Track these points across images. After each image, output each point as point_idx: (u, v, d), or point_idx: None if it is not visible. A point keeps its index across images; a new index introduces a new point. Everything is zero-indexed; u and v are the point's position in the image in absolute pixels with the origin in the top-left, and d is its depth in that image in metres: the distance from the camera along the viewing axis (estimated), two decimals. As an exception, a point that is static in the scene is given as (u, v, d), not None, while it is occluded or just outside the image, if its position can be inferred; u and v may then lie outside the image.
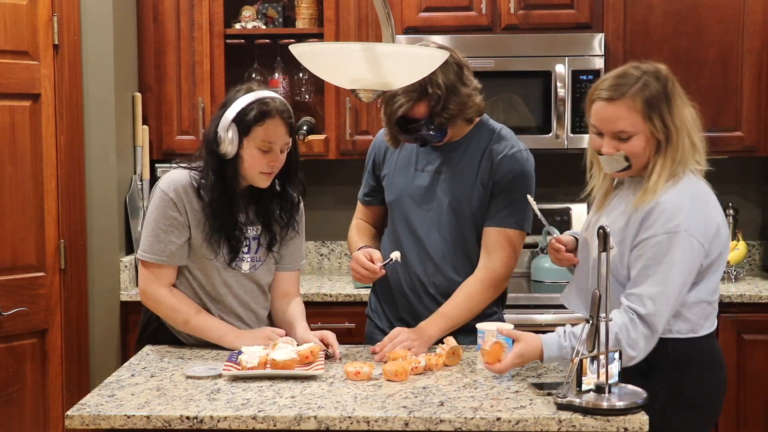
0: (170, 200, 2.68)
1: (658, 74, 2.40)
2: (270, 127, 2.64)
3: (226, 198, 2.68)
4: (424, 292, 2.86)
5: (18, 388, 3.52)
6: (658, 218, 2.33)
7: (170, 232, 2.68)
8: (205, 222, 2.69)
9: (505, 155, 2.79)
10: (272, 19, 4.16)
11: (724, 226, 2.40)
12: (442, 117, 2.71)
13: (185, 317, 2.71)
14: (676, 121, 2.37)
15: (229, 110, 2.64)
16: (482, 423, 2.14)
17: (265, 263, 2.81)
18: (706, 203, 2.39)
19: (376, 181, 3.00)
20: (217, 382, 2.43)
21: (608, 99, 2.38)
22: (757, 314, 3.71)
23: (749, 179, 4.30)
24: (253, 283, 2.80)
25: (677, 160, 2.37)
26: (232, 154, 2.65)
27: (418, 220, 2.85)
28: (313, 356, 2.52)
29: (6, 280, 3.48)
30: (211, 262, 2.72)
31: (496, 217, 2.79)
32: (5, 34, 3.44)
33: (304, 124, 4.08)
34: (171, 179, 2.72)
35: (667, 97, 2.37)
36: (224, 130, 2.63)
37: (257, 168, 2.67)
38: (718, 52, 3.91)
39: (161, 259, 2.69)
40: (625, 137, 2.38)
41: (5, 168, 3.46)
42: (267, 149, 2.65)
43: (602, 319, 2.20)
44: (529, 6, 3.93)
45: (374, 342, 2.78)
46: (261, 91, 2.68)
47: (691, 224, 2.32)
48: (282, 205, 2.79)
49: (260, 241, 2.78)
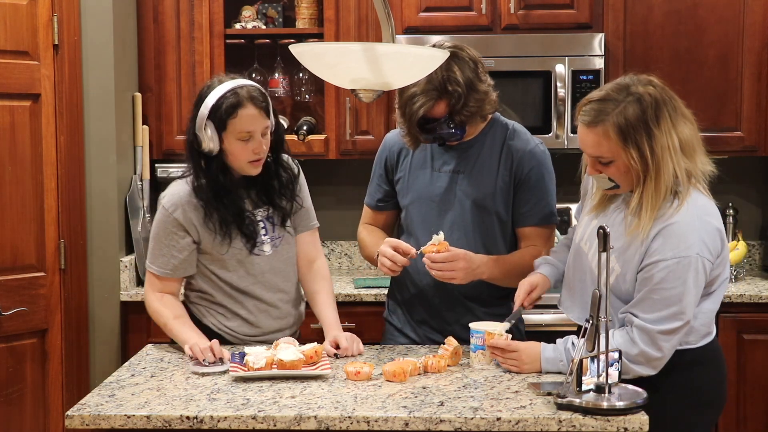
0: (172, 218, 2.71)
1: (641, 98, 2.30)
2: (244, 116, 2.64)
3: (223, 192, 2.70)
4: (448, 294, 2.85)
5: (18, 388, 3.52)
6: (667, 241, 2.28)
7: (172, 247, 2.73)
8: (213, 221, 2.70)
9: (524, 151, 2.81)
10: (272, 19, 4.16)
11: (724, 234, 2.37)
12: (462, 114, 2.71)
13: (165, 321, 2.76)
14: (656, 150, 2.28)
15: (202, 108, 2.65)
16: (482, 423, 2.14)
17: (284, 237, 2.83)
18: (710, 218, 2.34)
19: (390, 186, 2.98)
20: (216, 382, 2.43)
21: (587, 124, 2.35)
22: (757, 314, 3.70)
23: (749, 179, 4.30)
24: (280, 262, 2.82)
25: (662, 190, 2.29)
26: (216, 150, 2.66)
27: (438, 222, 2.84)
28: (317, 356, 2.51)
29: (6, 280, 3.48)
30: (230, 256, 2.74)
31: (529, 216, 2.81)
32: (5, 34, 3.44)
33: (304, 124, 4.08)
34: (172, 194, 2.74)
35: (646, 126, 2.28)
36: (201, 130, 2.65)
37: (243, 158, 2.68)
38: (718, 52, 3.91)
39: (165, 272, 2.75)
40: (605, 161, 2.35)
41: (5, 168, 3.46)
42: (247, 138, 2.66)
43: (602, 319, 2.20)
44: (529, 6, 3.92)
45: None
46: (230, 81, 2.68)
47: (702, 246, 2.28)
48: (280, 181, 2.81)
49: (273, 221, 2.81)
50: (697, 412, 2.44)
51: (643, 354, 2.29)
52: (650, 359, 2.30)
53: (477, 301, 2.86)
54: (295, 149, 4.02)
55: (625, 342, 2.30)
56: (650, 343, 2.28)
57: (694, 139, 2.35)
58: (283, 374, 2.44)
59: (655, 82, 2.36)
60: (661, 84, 2.37)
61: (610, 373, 2.19)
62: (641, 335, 2.29)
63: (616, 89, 2.35)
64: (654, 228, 2.31)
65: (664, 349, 2.29)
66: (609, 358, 2.20)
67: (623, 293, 2.38)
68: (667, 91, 2.36)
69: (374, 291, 3.79)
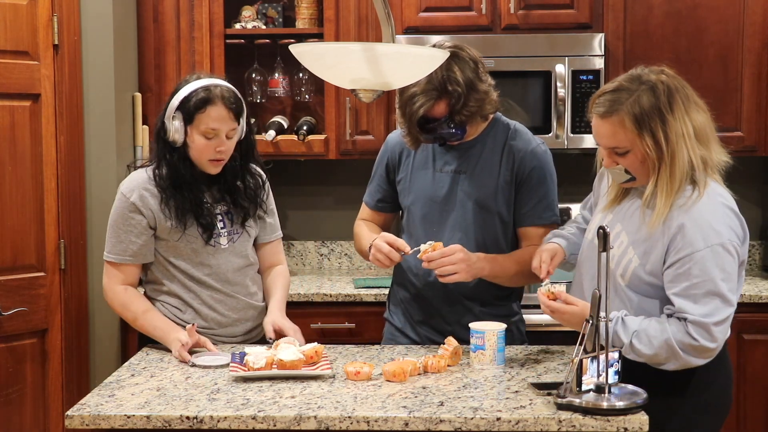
0: (129, 203, 2.76)
1: (654, 86, 2.33)
2: (212, 113, 2.70)
3: (182, 181, 2.74)
4: (448, 294, 2.85)
5: (18, 388, 3.52)
6: (696, 232, 2.28)
7: (130, 233, 2.76)
8: (169, 207, 2.74)
9: (526, 151, 2.81)
10: (272, 19, 4.16)
11: (745, 223, 2.39)
12: (462, 114, 2.71)
13: (134, 315, 2.79)
14: (671, 136, 2.30)
15: (174, 99, 2.72)
16: (482, 423, 2.14)
17: (242, 235, 2.86)
18: (732, 206, 2.36)
19: (390, 186, 2.98)
20: (216, 382, 2.43)
21: (601, 115, 2.36)
22: (757, 314, 3.71)
23: (749, 179, 4.30)
24: (236, 257, 2.84)
25: (677, 177, 2.31)
26: (180, 141, 2.72)
27: (440, 222, 2.85)
28: (317, 356, 2.52)
29: (6, 280, 3.47)
30: (185, 244, 2.76)
31: (531, 216, 2.81)
32: (5, 34, 3.44)
33: (304, 124, 4.08)
34: (129, 180, 2.81)
35: (660, 112, 2.30)
36: (169, 119, 2.71)
37: (205, 155, 2.73)
38: (718, 52, 3.91)
39: (124, 258, 2.78)
40: (621, 152, 2.36)
41: (5, 168, 3.46)
42: (212, 136, 2.71)
43: (602, 319, 2.21)
44: (529, 6, 3.92)
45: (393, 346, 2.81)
46: (207, 79, 2.76)
47: (730, 232, 2.30)
48: (246, 184, 2.85)
49: (232, 217, 2.84)
50: (702, 417, 2.43)
51: (702, 347, 2.27)
52: (706, 350, 2.28)
53: (477, 301, 2.86)
54: (295, 149, 4.04)
55: (682, 334, 2.26)
56: (708, 337, 2.26)
57: (707, 128, 2.37)
58: (283, 374, 2.44)
59: (667, 71, 2.39)
60: (672, 73, 2.39)
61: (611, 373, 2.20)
62: (698, 330, 2.26)
63: (629, 79, 2.37)
64: (677, 219, 2.31)
65: (718, 339, 2.28)
66: (609, 358, 2.20)
67: (642, 286, 2.37)
68: (679, 79, 2.38)
69: (374, 291, 3.79)
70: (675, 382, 2.37)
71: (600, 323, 2.20)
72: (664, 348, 2.26)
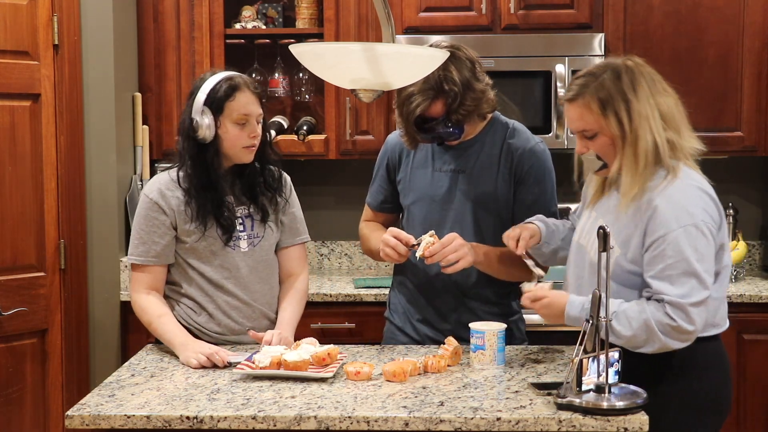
0: (152, 202, 2.75)
1: (618, 69, 2.39)
2: (241, 99, 2.70)
3: (208, 180, 2.72)
4: (448, 293, 2.86)
5: (18, 388, 3.52)
6: (670, 213, 2.30)
7: (153, 233, 2.74)
8: (191, 208, 2.72)
9: (524, 149, 2.81)
10: (272, 19, 4.16)
11: (720, 206, 2.40)
12: (458, 114, 2.71)
13: (149, 319, 2.76)
14: (633, 116, 2.34)
15: (199, 94, 2.70)
16: (482, 423, 2.14)
17: (265, 239, 2.83)
18: (706, 189, 2.38)
19: (392, 187, 2.98)
20: (216, 383, 2.43)
21: (570, 99, 2.43)
22: (757, 314, 3.70)
23: (749, 179, 4.30)
24: (256, 262, 2.82)
25: (640, 156, 2.34)
26: (211, 137, 2.70)
27: (440, 221, 2.85)
28: (330, 358, 2.50)
29: (6, 280, 3.48)
30: (204, 246, 2.75)
31: (530, 214, 2.80)
32: (5, 34, 3.44)
33: (304, 124, 4.08)
34: (152, 182, 2.82)
35: (624, 94, 2.35)
36: (199, 115, 2.69)
37: (239, 143, 2.72)
38: (718, 52, 3.91)
39: (147, 259, 2.76)
40: (590, 135, 2.40)
41: (5, 168, 3.46)
42: (244, 122, 2.71)
43: (602, 319, 2.20)
44: (529, 6, 3.92)
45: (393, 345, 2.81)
46: (223, 72, 2.76)
47: (704, 213, 2.32)
48: (264, 179, 2.83)
49: (253, 218, 2.82)
50: (700, 418, 2.42)
51: (680, 328, 2.27)
52: (685, 332, 2.28)
53: (477, 300, 2.87)
54: (295, 149, 4.04)
55: (660, 314, 2.27)
56: (685, 318, 2.27)
57: (676, 112, 2.40)
58: (283, 374, 2.44)
59: (635, 59, 2.45)
60: (641, 60, 2.45)
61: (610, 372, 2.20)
62: (676, 311, 2.26)
63: (597, 66, 2.47)
64: (651, 201, 2.33)
65: (696, 322, 2.28)
66: (609, 358, 2.20)
67: (622, 275, 2.38)
68: (647, 67, 2.44)
69: (374, 291, 3.79)
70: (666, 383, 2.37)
71: (600, 323, 2.20)
72: (643, 328, 2.27)
